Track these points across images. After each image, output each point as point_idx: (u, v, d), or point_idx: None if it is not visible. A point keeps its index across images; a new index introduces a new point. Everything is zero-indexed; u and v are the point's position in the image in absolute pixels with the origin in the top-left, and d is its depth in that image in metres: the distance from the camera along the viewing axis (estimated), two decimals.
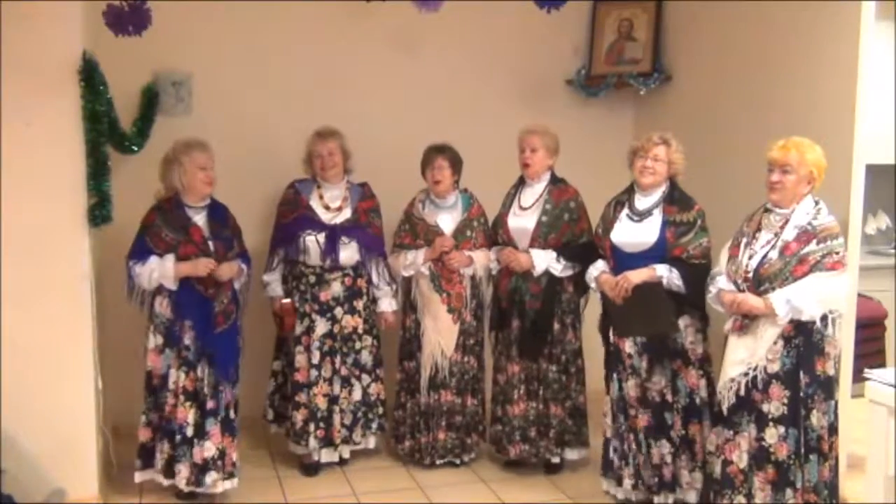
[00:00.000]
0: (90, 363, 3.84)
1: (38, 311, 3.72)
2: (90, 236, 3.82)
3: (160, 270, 3.83)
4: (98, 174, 3.74)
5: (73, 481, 3.79)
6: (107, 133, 3.81)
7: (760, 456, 3.38)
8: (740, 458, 3.42)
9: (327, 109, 4.69)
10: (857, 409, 3.78)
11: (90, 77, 3.67)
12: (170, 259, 3.83)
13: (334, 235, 4.23)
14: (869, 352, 5.05)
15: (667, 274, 3.73)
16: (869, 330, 5.06)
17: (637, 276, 3.76)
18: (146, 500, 4.07)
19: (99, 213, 3.76)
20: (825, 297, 3.27)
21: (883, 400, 3.43)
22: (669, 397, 3.81)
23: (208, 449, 3.89)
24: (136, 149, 4.19)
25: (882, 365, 5.01)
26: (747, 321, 3.41)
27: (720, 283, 3.54)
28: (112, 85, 3.84)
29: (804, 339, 3.31)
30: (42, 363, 3.74)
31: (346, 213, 4.31)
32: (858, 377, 3.75)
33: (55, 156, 3.69)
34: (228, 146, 4.15)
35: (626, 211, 3.91)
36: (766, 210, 3.45)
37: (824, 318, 3.28)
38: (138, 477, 4.00)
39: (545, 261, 4.16)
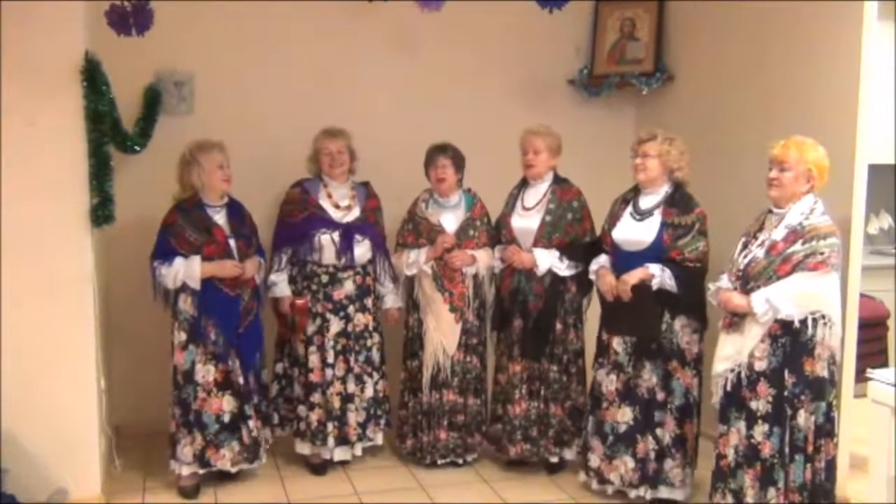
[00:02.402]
0: (92, 363, 3.85)
1: (41, 311, 3.73)
2: (93, 236, 3.83)
3: (186, 271, 3.90)
4: (100, 174, 3.75)
5: (76, 481, 3.81)
6: (109, 133, 3.82)
7: (750, 453, 3.40)
8: (729, 453, 3.46)
9: (329, 109, 4.69)
10: (860, 409, 3.78)
11: (92, 77, 3.68)
12: (196, 260, 3.90)
13: (349, 234, 4.24)
14: (871, 352, 5.05)
15: (659, 273, 3.76)
16: (871, 330, 5.06)
17: (632, 277, 3.79)
18: (149, 499, 4.08)
19: (101, 212, 3.77)
20: (804, 296, 3.26)
21: (885, 400, 3.44)
22: (660, 396, 3.85)
23: (254, 430, 4.06)
24: (138, 149, 4.20)
25: (884, 365, 5.01)
26: (737, 319, 3.43)
27: (721, 282, 3.56)
28: (114, 85, 3.85)
29: (791, 339, 3.30)
30: (45, 363, 3.75)
31: (356, 212, 4.32)
32: (861, 377, 3.75)
33: (58, 156, 3.70)
34: (231, 145, 4.14)
35: (629, 209, 3.95)
36: (770, 210, 3.46)
37: (807, 319, 3.26)
38: (185, 470, 4.04)
39: (548, 260, 4.16)
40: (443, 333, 4.32)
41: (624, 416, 3.90)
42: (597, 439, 3.99)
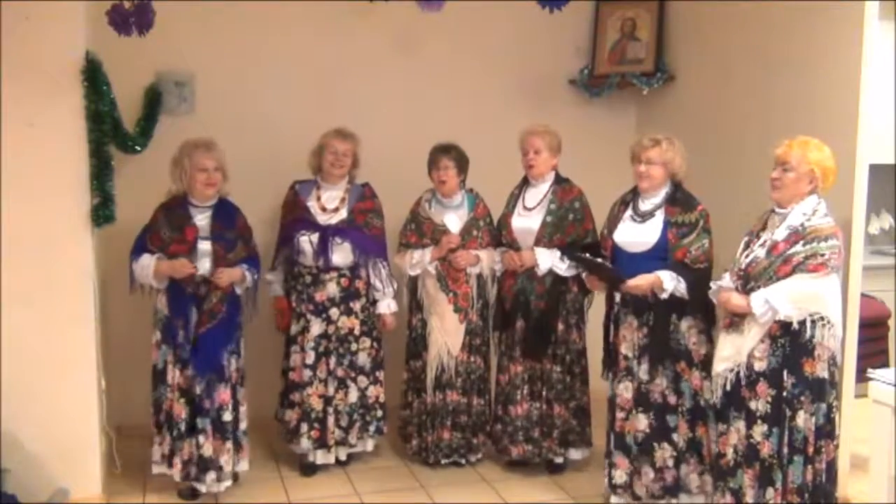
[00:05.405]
0: (93, 362, 3.86)
1: (42, 311, 3.73)
2: (93, 236, 3.83)
3: (146, 269, 3.87)
4: (101, 174, 3.75)
5: (77, 481, 3.81)
6: (110, 133, 3.82)
7: (749, 453, 3.39)
8: (728, 452, 3.45)
9: (329, 109, 4.70)
10: (861, 409, 3.78)
11: (93, 77, 3.68)
12: (151, 258, 3.87)
13: (326, 236, 4.23)
14: (872, 351, 5.04)
15: (671, 284, 3.68)
16: (872, 330, 5.05)
17: (641, 286, 3.72)
18: (150, 499, 4.08)
19: (102, 213, 3.77)
20: (803, 298, 3.24)
21: (886, 400, 3.44)
22: (672, 399, 3.79)
23: (204, 448, 3.91)
24: (139, 149, 4.21)
25: (885, 365, 5.01)
26: (736, 318, 3.42)
27: (722, 281, 3.55)
28: (115, 85, 3.86)
29: (790, 340, 3.29)
30: (45, 362, 3.75)
31: (342, 214, 4.30)
32: (861, 377, 3.75)
33: (58, 156, 3.70)
34: (231, 145, 4.15)
35: (629, 212, 3.91)
36: (773, 210, 3.45)
37: (805, 320, 3.25)
38: (154, 469, 4.03)
39: (549, 260, 4.16)
40: (447, 334, 4.32)
41: (640, 424, 3.82)
42: (620, 454, 3.88)
